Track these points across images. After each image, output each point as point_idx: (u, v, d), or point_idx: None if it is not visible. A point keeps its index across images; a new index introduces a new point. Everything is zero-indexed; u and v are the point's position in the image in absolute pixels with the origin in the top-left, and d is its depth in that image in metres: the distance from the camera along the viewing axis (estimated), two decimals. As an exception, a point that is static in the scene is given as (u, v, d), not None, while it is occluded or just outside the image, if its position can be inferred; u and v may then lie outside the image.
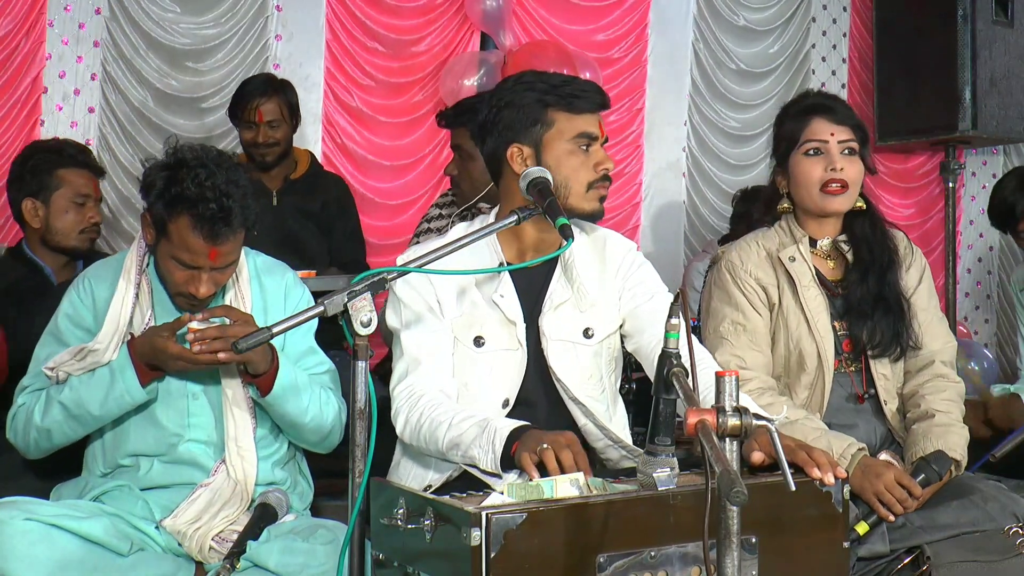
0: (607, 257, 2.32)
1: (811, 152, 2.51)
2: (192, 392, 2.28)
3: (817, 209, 2.54)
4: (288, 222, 3.88)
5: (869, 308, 2.51)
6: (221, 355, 2.10)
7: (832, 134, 2.49)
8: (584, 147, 2.19)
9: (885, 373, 2.54)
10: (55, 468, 2.40)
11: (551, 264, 2.25)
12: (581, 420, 2.21)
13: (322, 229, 3.96)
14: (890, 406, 2.53)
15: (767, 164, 2.63)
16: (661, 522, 1.64)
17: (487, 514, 1.51)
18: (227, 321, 2.15)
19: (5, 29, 4.07)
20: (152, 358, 2.17)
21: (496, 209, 2.33)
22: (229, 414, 2.24)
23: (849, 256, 2.57)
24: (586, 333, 2.24)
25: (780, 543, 1.74)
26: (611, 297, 2.30)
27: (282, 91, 3.86)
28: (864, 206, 2.57)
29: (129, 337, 2.23)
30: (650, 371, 2.23)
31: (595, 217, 2.24)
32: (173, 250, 2.16)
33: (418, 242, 3.35)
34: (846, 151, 2.50)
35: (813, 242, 2.58)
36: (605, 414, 2.24)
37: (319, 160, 4.32)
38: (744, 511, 1.41)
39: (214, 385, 2.28)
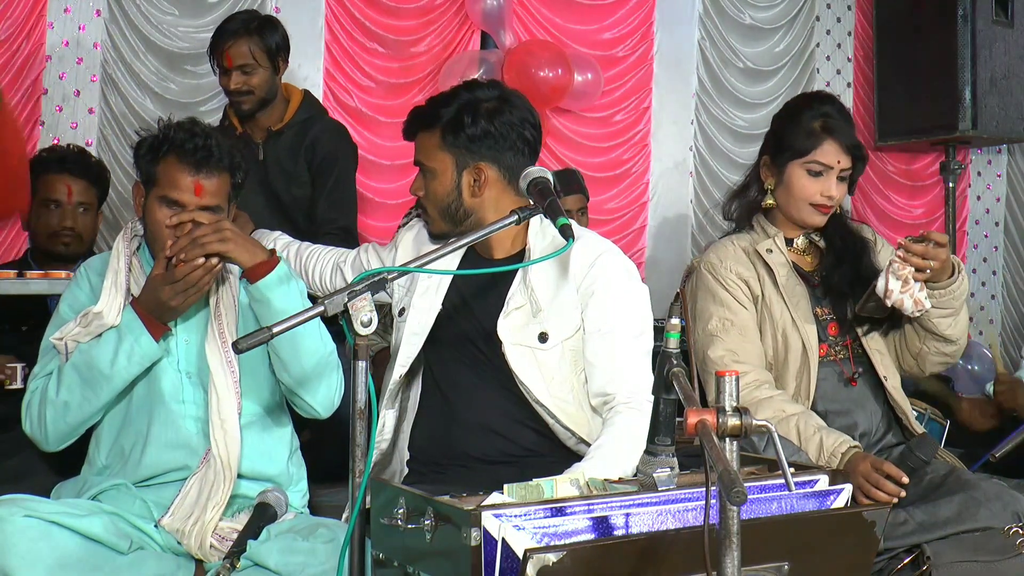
0: (570, 267, 2.26)
1: (813, 172, 2.57)
2: (185, 371, 2.30)
3: (801, 221, 2.64)
4: (271, 180, 3.45)
5: (848, 288, 2.58)
6: (199, 260, 2.16)
7: (839, 162, 2.58)
8: None
9: (879, 348, 2.60)
10: (62, 468, 2.40)
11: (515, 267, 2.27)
12: (549, 420, 2.21)
13: (308, 189, 3.48)
14: (891, 381, 2.56)
15: None
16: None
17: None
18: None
19: (5, 31, 4.07)
20: (151, 302, 2.22)
21: None
22: (212, 388, 2.25)
23: (823, 246, 2.67)
24: (541, 338, 2.22)
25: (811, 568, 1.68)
26: (569, 303, 2.25)
27: (257, 32, 3.36)
28: None
29: (131, 299, 2.28)
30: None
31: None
32: (160, 191, 2.27)
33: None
34: (841, 177, 2.59)
35: (788, 241, 2.66)
36: (577, 414, 2.22)
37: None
38: (777, 538, 1.39)
39: (202, 362, 2.29)
